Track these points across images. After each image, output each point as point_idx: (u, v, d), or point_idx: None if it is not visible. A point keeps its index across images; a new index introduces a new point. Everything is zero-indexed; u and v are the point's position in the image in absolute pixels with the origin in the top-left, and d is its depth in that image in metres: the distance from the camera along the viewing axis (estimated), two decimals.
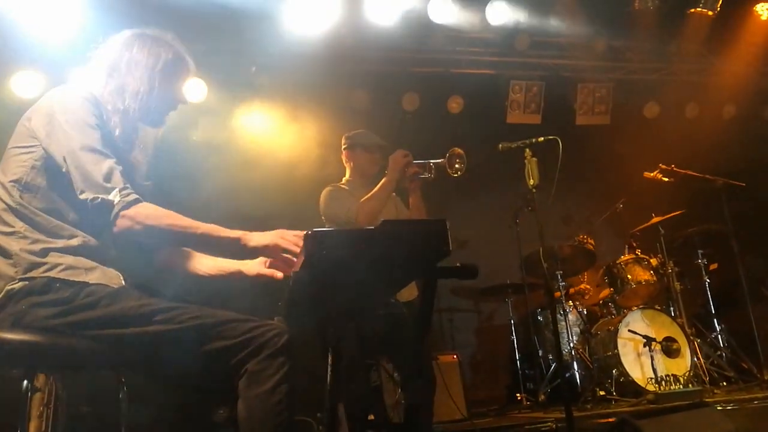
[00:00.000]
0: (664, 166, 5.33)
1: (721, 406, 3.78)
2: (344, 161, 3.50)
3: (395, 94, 5.97)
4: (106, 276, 1.78)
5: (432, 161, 3.14)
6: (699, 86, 6.63)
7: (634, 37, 5.85)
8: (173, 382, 2.02)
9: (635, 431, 2.14)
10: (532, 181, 3.01)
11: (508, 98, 6.15)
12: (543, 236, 3.02)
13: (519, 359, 5.30)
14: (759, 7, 5.20)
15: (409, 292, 3.18)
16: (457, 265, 1.83)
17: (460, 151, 3.09)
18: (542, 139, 3.06)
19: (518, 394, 5.06)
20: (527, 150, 3.06)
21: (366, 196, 3.09)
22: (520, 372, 5.23)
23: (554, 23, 5.58)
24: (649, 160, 5.47)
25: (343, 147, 3.49)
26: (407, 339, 2.79)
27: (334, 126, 4.78)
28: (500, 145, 3.17)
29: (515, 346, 5.34)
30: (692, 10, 5.15)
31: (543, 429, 3.64)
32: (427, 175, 3.16)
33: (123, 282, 1.81)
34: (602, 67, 6.29)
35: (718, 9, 5.11)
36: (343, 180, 3.47)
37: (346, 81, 5.71)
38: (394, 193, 3.34)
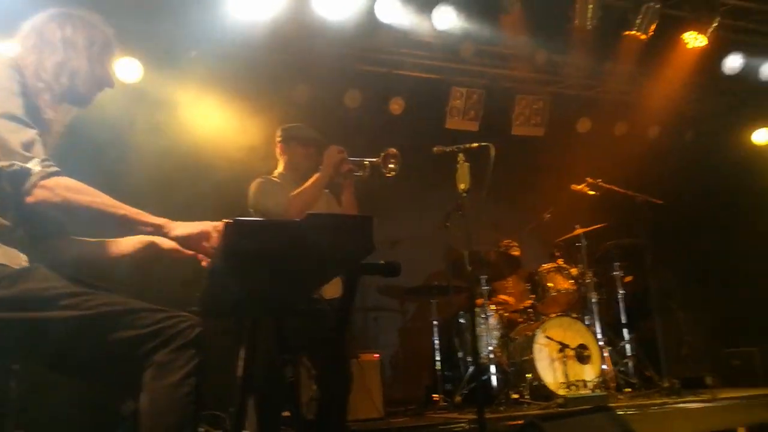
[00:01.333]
0: (591, 180, 5.55)
1: (622, 411, 4.00)
2: (278, 154, 3.44)
3: (337, 90, 5.93)
4: (7, 255, 1.68)
5: (367, 159, 3.15)
6: (629, 106, 6.95)
7: (573, 54, 6.05)
8: (76, 372, 1.93)
9: None
10: (462, 185, 3.07)
11: (449, 104, 6.24)
12: (470, 240, 3.09)
13: (439, 360, 5.39)
14: (686, 36, 5.47)
15: (334, 290, 3.17)
16: (381, 262, 1.83)
17: (395, 151, 3.10)
18: (476, 145, 3.12)
19: (435, 395, 5.14)
20: (460, 155, 3.12)
21: (297, 190, 3.06)
22: (439, 373, 5.31)
23: (498, 33, 5.69)
24: (578, 174, 5.69)
25: (277, 139, 3.43)
26: (327, 335, 2.79)
27: (272, 117, 4.71)
28: (435, 149, 3.21)
29: (436, 347, 5.42)
30: (627, 32, 5.37)
31: (456, 429, 3.73)
32: (360, 173, 3.16)
33: (25, 264, 1.71)
34: (541, 80, 6.48)
35: (651, 33, 5.35)
36: (275, 173, 3.42)
37: (289, 73, 5.63)
38: (326, 190, 3.33)
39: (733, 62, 6.10)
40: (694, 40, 5.47)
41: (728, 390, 5.20)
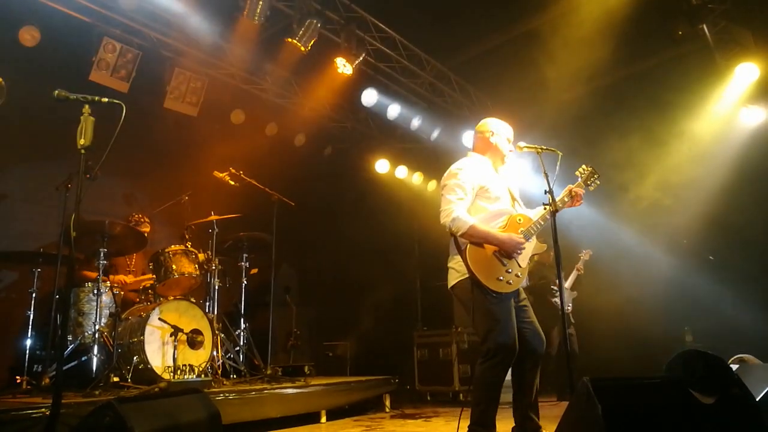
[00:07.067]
0: (234, 171, 5.63)
1: (223, 396, 4.12)
2: None
3: None
4: None
5: None
6: (282, 110, 7.33)
7: (239, 44, 6.08)
8: None
9: (116, 415, 2.08)
10: (82, 141, 2.71)
11: (98, 54, 5.59)
12: (80, 202, 2.75)
13: (31, 338, 4.69)
14: (338, 60, 6.03)
15: None
16: None
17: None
18: (106, 100, 2.80)
19: (18, 377, 4.45)
20: (87, 106, 2.75)
21: None
22: (28, 352, 4.63)
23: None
24: (223, 162, 5.71)
25: None
26: None
27: None
28: (56, 92, 2.77)
29: (30, 322, 4.71)
30: (289, 39, 5.62)
31: (35, 416, 3.28)
32: None
33: None
34: (204, 60, 6.34)
35: (310, 48, 5.71)
36: None
37: None
38: None
39: (370, 96, 6.98)
40: (344, 66, 6.06)
41: (320, 378, 5.84)
